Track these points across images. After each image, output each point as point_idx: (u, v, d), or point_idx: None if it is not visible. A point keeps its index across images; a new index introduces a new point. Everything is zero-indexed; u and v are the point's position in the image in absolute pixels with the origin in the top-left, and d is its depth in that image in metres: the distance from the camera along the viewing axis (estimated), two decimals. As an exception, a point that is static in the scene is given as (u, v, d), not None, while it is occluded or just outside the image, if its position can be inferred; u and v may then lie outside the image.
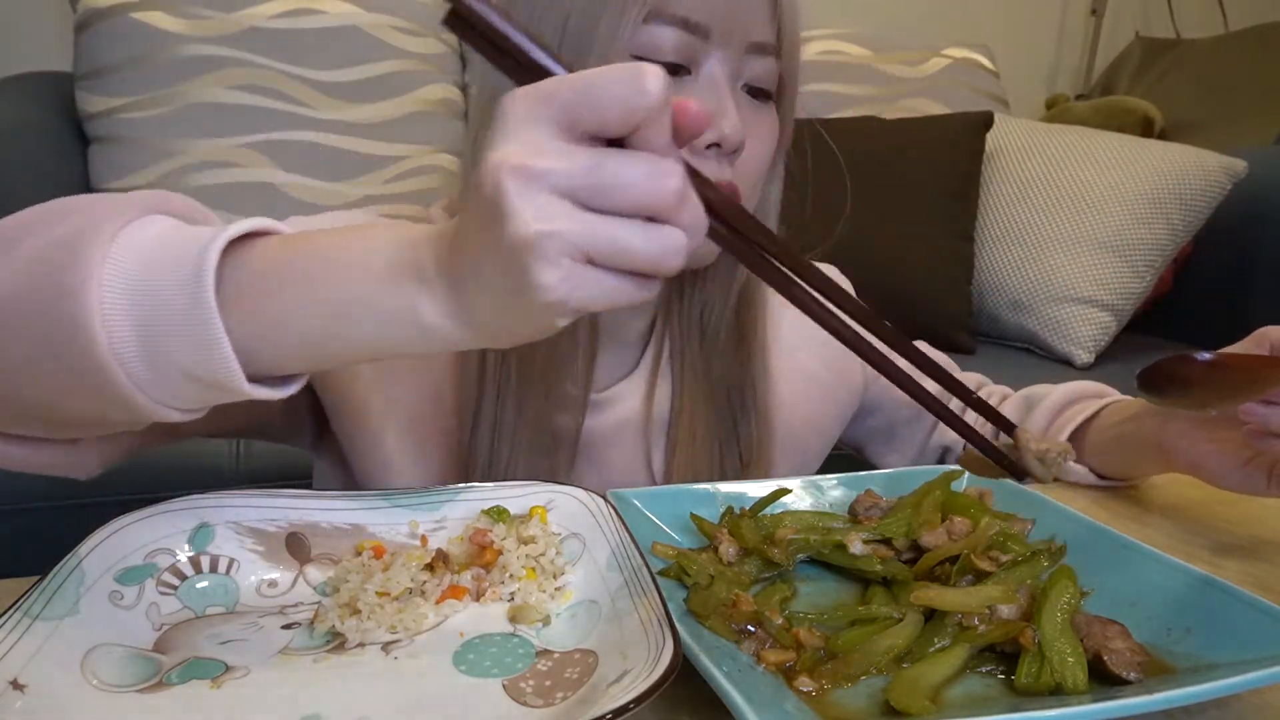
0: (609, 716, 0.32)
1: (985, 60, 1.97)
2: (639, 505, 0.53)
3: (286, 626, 0.43)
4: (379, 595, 0.44)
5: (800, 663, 0.41)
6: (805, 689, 0.39)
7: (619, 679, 0.36)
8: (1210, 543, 0.58)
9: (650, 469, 0.66)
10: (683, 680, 0.35)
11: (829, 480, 0.59)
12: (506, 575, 0.46)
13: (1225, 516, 0.62)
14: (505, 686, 0.39)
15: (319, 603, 0.45)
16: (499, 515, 0.49)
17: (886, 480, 0.59)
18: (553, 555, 0.47)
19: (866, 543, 0.49)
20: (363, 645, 0.42)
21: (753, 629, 0.43)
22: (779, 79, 0.60)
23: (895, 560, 0.49)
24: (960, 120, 1.62)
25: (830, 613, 0.46)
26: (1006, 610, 0.43)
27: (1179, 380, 0.51)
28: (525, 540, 0.48)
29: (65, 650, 0.38)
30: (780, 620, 0.43)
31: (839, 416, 0.75)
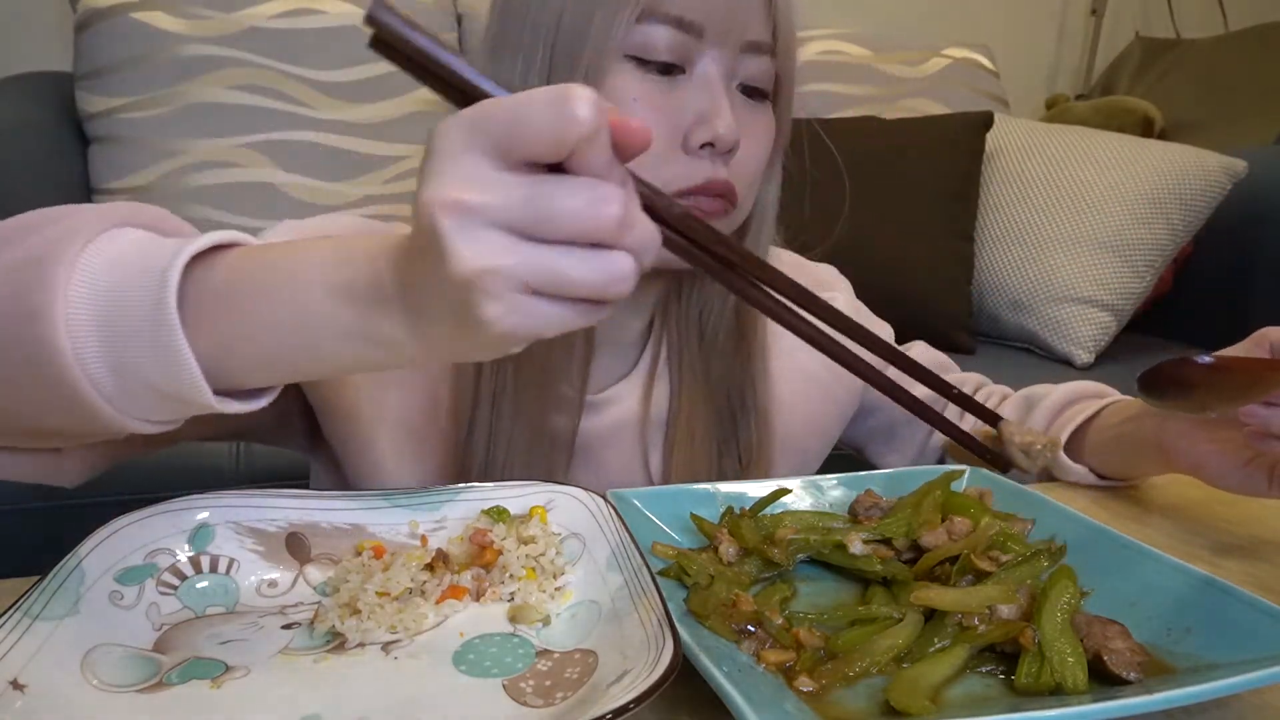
0: (609, 716, 0.32)
1: (985, 60, 1.98)
2: (639, 505, 0.53)
3: (286, 626, 0.43)
4: (379, 595, 0.44)
5: (800, 663, 0.41)
6: (805, 689, 0.39)
7: (619, 679, 0.36)
8: (1210, 543, 0.58)
9: (648, 470, 0.66)
10: (683, 680, 0.35)
11: (829, 480, 0.59)
12: (506, 575, 0.46)
13: (1225, 516, 0.62)
14: (505, 686, 0.39)
15: (319, 603, 0.45)
16: (499, 515, 0.49)
17: (886, 480, 0.59)
18: (553, 555, 0.47)
19: (866, 543, 0.49)
20: (363, 645, 0.42)
21: (753, 629, 0.43)
22: (775, 78, 0.60)
23: (895, 560, 0.49)
24: (960, 120, 1.62)
25: (830, 613, 0.46)
26: (1006, 610, 0.43)
27: (1179, 383, 0.51)
28: (525, 540, 0.48)
29: (65, 650, 0.38)
30: (780, 620, 0.43)
31: (839, 417, 0.75)
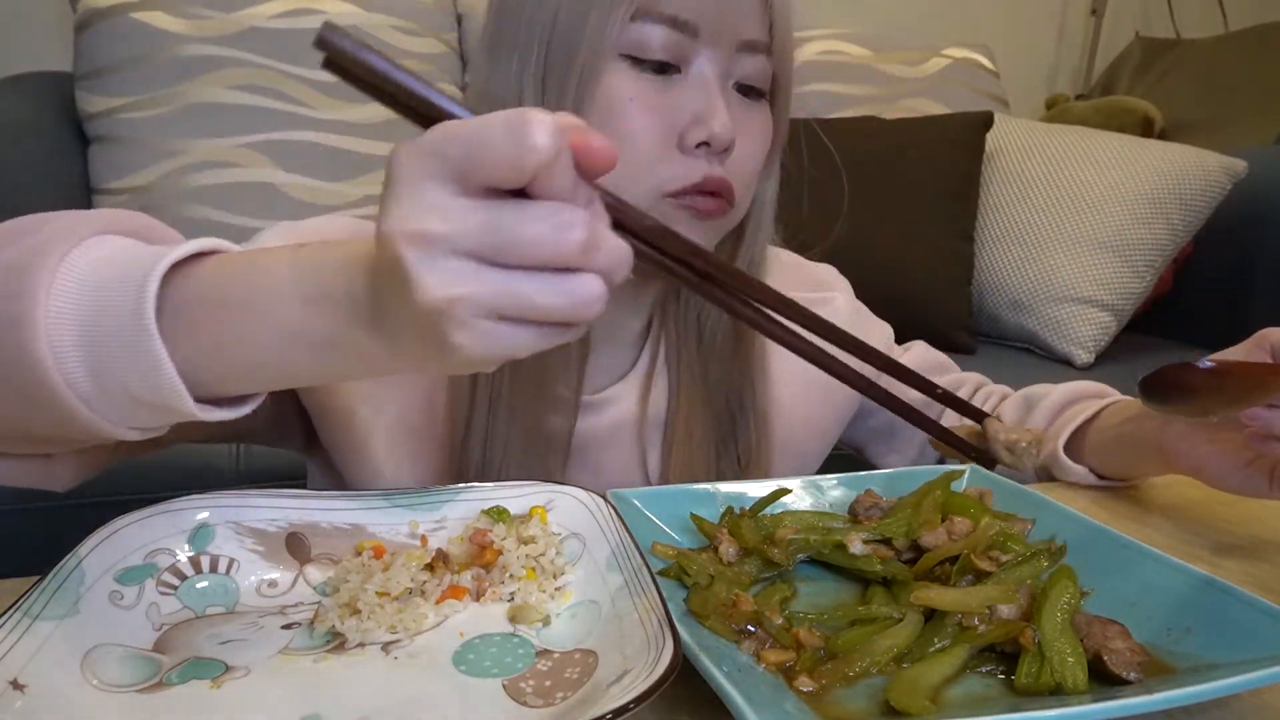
0: (609, 716, 0.32)
1: (985, 60, 1.98)
2: (639, 505, 0.53)
3: (286, 626, 0.43)
4: (379, 595, 0.44)
5: (800, 663, 0.41)
6: (805, 689, 0.39)
7: (619, 679, 0.36)
8: (1210, 543, 0.58)
9: (646, 471, 0.66)
10: (683, 680, 0.35)
11: (829, 480, 0.59)
12: (506, 575, 0.46)
13: (1225, 516, 0.62)
14: (505, 686, 0.39)
15: (319, 603, 0.45)
16: (499, 515, 0.49)
17: (886, 480, 0.59)
18: (553, 555, 0.47)
19: (866, 543, 0.49)
20: (363, 645, 0.42)
21: (753, 629, 0.43)
22: (773, 77, 0.60)
23: (895, 560, 0.49)
24: (960, 120, 1.62)
25: (830, 613, 0.46)
26: (1006, 610, 0.43)
27: (1181, 388, 0.51)
28: (525, 540, 0.48)
29: (65, 650, 0.38)
30: (780, 620, 0.43)
31: (838, 418, 0.75)
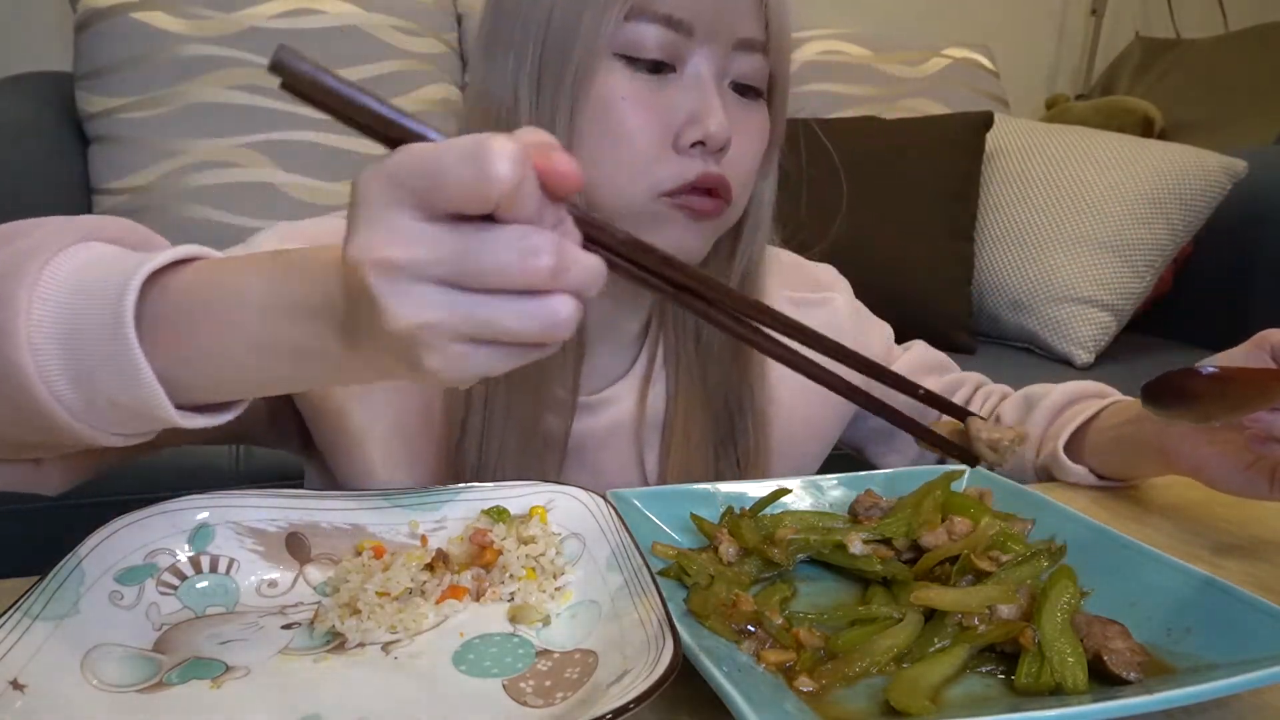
0: (609, 716, 0.32)
1: (985, 60, 1.98)
2: (639, 505, 0.53)
3: (286, 626, 0.43)
4: (379, 595, 0.44)
5: (800, 663, 0.41)
6: (805, 689, 0.39)
7: (619, 679, 0.36)
8: (1210, 543, 0.58)
9: (643, 472, 0.66)
10: (683, 680, 0.35)
11: (829, 480, 0.59)
12: (506, 575, 0.46)
13: (1225, 517, 0.62)
14: (505, 686, 0.39)
15: (319, 603, 0.45)
16: (499, 515, 0.49)
17: (886, 480, 0.59)
18: (553, 555, 0.47)
19: (866, 543, 0.49)
20: (363, 645, 0.42)
21: (753, 629, 0.43)
22: (770, 76, 0.60)
23: (895, 560, 0.49)
24: (960, 120, 1.62)
25: (830, 613, 0.46)
26: (1006, 610, 0.43)
27: (1184, 393, 0.50)
28: (525, 540, 0.48)
29: (65, 650, 0.38)
30: (780, 620, 0.43)
31: (837, 419, 0.75)
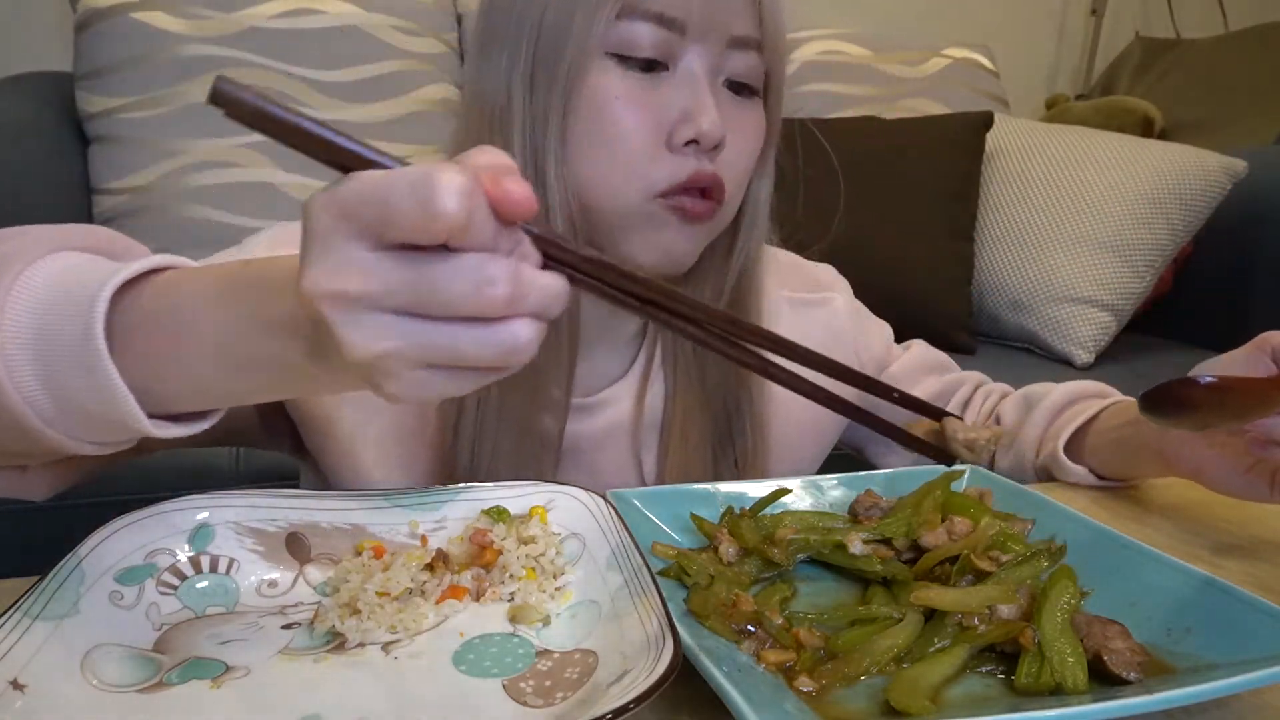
0: (609, 716, 0.32)
1: (985, 60, 1.98)
2: (639, 505, 0.53)
3: (286, 626, 0.43)
4: (379, 595, 0.44)
5: (800, 663, 0.41)
6: (805, 689, 0.39)
7: (619, 679, 0.36)
8: (1210, 543, 0.58)
9: (641, 473, 0.66)
10: (683, 680, 0.35)
11: (829, 480, 0.59)
12: (506, 575, 0.46)
13: (1225, 517, 0.62)
14: (505, 686, 0.39)
15: (319, 603, 0.45)
16: (499, 515, 0.49)
17: (886, 480, 0.59)
18: (553, 555, 0.47)
19: (866, 543, 0.49)
20: (363, 645, 0.42)
21: (753, 629, 0.43)
22: (765, 74, 0.60)
23: (895, 560, 0.49)
24: (960, 120, 1.62)
25: (830, 613, 0.46)
26: (1006, 610, 0.43)
27: (1182, 403, 0.51)
28: (525, 540, 0.48)
29: (65, 650, 0.38)
30: (780, 620, 0.43)
31: (836, 420, 0.75)
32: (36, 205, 1.34)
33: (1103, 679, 0.40)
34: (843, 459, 0.76)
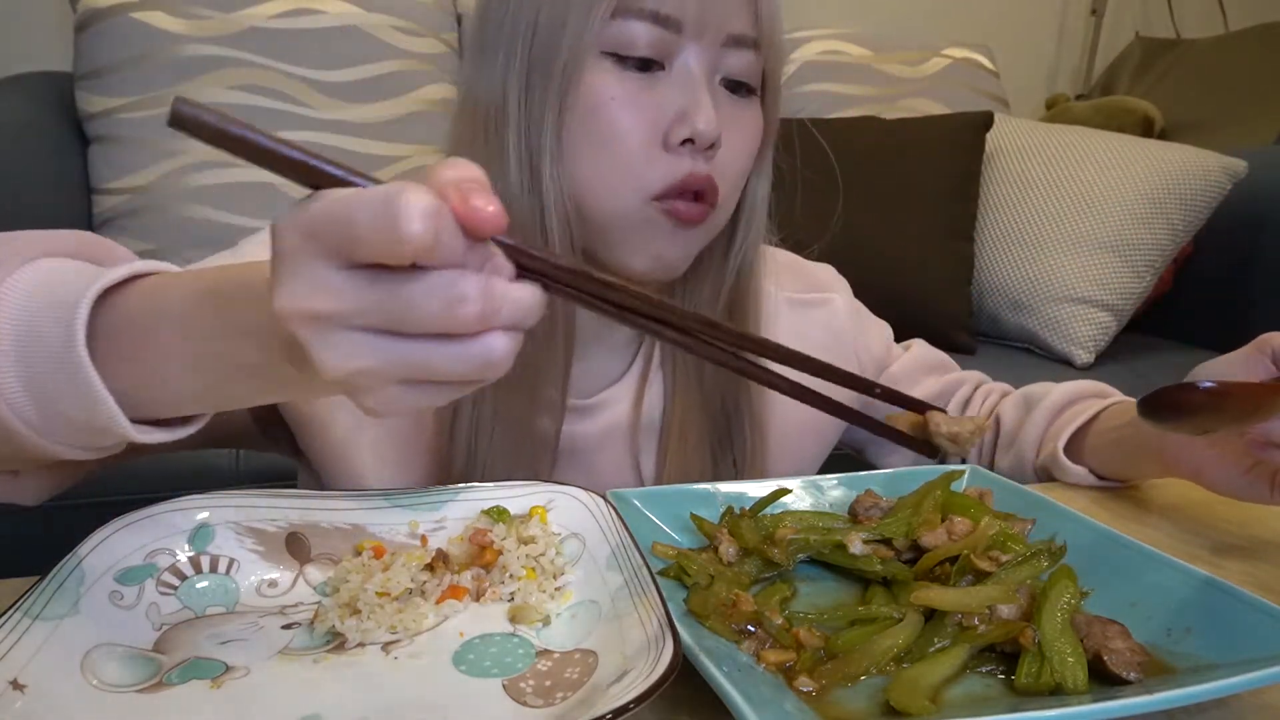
0: (609, 716, 0.32)
1: (985, 60, 1.98)
2: (639, 505, 0.53)
3: (286, 626, 0.43)
4: (379, 595, 0.44)
5: (800, 663, 0.41)
6: (805, 689, 0.39)
7: (619, 679, 0.36)
8: (1210, 543, 0.58)
9: (639, 476, 0.66)
10: (683, 680, 0.35)
11: (829, 480, 0.59)
12: (506, 575, 0.46)
13: (1225, 517, 0.62)
14: (505, 686, 0.39)
15: (319, 603, 0.45)
16: (499, 515, 0.49)
17: (886, 480, 0.59)
18: (553, 555, 0.47)
19: (866, 543, 0.49)
20: (363, 645, 0.42)
21: (753, 629, 0.43)
22: (763, 73, 0.59)
23: (895, 560, 0.49)
24: (960, 120, 1.62)
25: (830, 613, 0.46)
26: (1006, 610, 0.43)
27: (1180, 408, 0.51)
28: (525, 540, 0.48)
29: (65, 650, 0.38)
30: (780, 620, 0.43)
31: (837, 421, 0.75)
32: (36, 205, 1.34)
33: (1103, 679, 0.40)
34: (843, 459, 0.76)
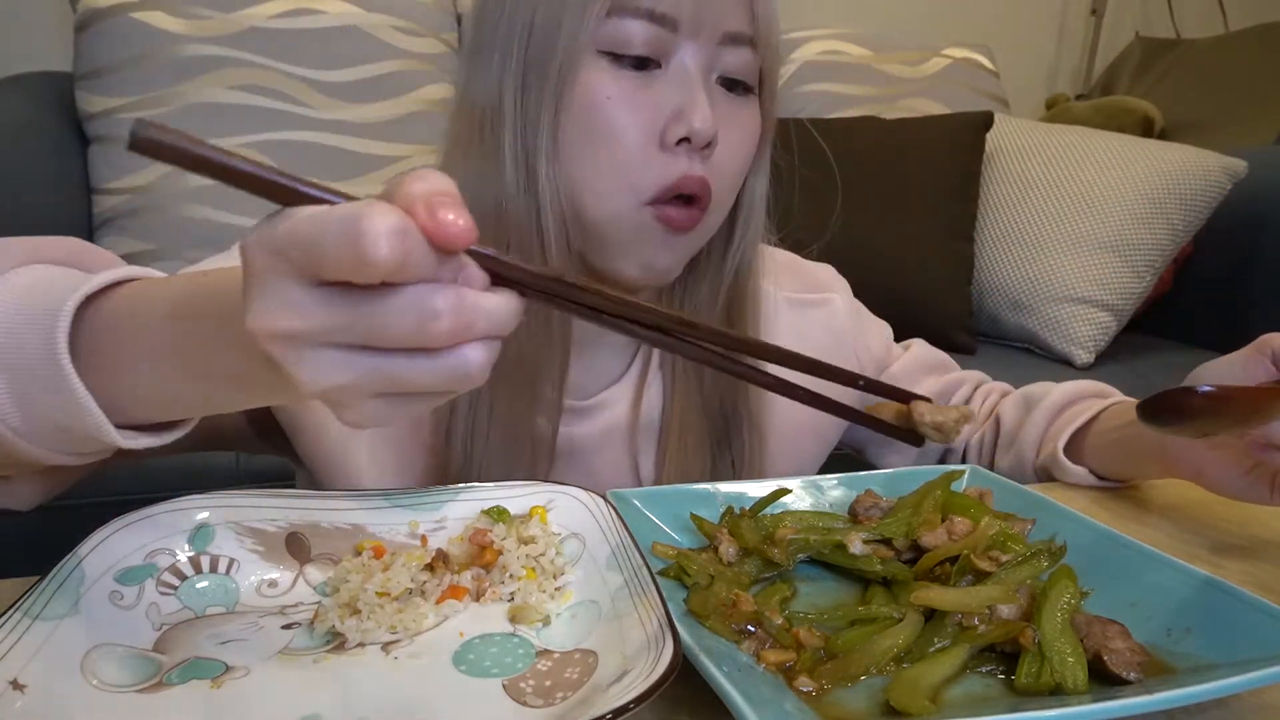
0: (609, 716, 0.32)
1: (985, 60, 1.98)
2: (639, 505, 0.53)
3: (286, 626, 0.43)
4: (379, 595, 0.44)
5: (800, 663, 0.41)
6: (805, 689, 0.39)
7: (619, 679, 0.36)
8: (1210, 543, 0.58)
9: (638, 477, 0.66)
10: (683, 680, 0.35)
11: (829, 480, 0.59)
12: (506, 575, 0.46)
13: (1225, 516, 0.62)
14: (505, 686, 0.39)
15: (319, 603, 0.45)
16: (499, 515, 0.49)
17: (886, 480, 0.59)
18: (553, 555, 0.47)
19: (866, 543, 0.49)
20: (363, 645, 0.42)
21: (753, 629, 0.43)
22: (760, 71, 0.59)
23: (895, 560, 0.49)
24: (960, 120, 1.62)
25: (830, 613, 0.46)
26: (1006, 610, 0.43)
27: (1180, 412, 0.51)
28: (525, 540, 0.48)
29: (65, 650, 0.38)
30: (780, 620, 0.43)
31: (835, 422, 0.75)
32: (36, 205, 1.34)
33: (1103, 679, 0.40)
34: (843, 459, 0.76)
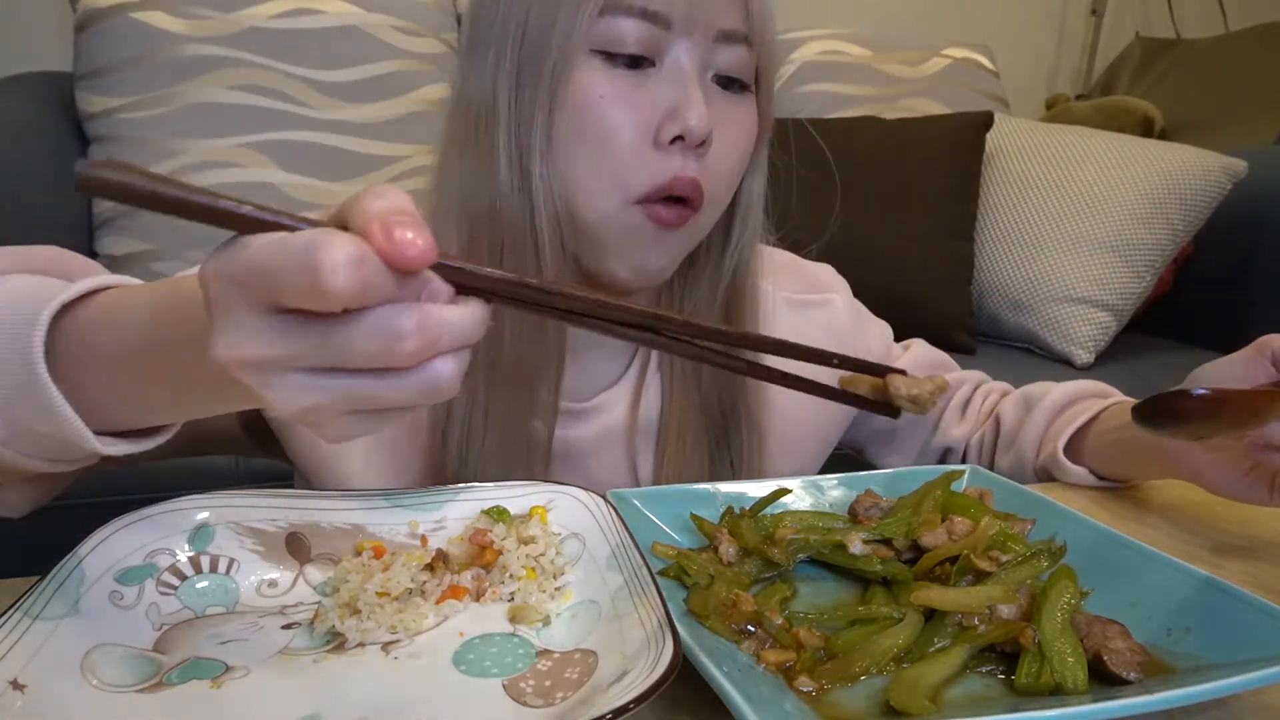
0: (609, 716, 0.32)
1: (985, 60, 1.98)
2: (639, 505, 0.53)
3: (286, 626, 0.43)
4: (379, 595, 0.44)
5: (800, 663, 0.41)
6: (805, 689, 0.39)
7: (619, 679, 0.36)
8: (1210, 543, 0.58)
9: (636, 479, 0.66)
10: (683, 680, 0.35)
11: (829, 480, 0.59)
12: (506, 575, 0.46)
13: (1225, 517, 0.62)
14: (505, 686, 0.39)
15: (319, 603, 0.45)
16: (499, 515, 0.49)
17: (886, 480, 0.59)
18: (553, 555, 0.47)
19: (866, 543, 0.49)
20: (363, 645, 0.42)
21: (753, 629, 0.43)
22: (755, 68, 0.59)
23: (895, 560, 0.49)
24: (960, 120, 1.62)
25: (830, 613, 0.46)
26: (1006, 610, 0.43)
27: (1176, 414, 0.51)
28: (525, 540, 0.48)
29: (65, 650, 0.38)
30: (780, 620, 0.43)
31: (835, 422, 0.75)
32: (36, 205, 1.34)
33: (1103, 679, 0.40)
34: (843, 459, 0.76)
